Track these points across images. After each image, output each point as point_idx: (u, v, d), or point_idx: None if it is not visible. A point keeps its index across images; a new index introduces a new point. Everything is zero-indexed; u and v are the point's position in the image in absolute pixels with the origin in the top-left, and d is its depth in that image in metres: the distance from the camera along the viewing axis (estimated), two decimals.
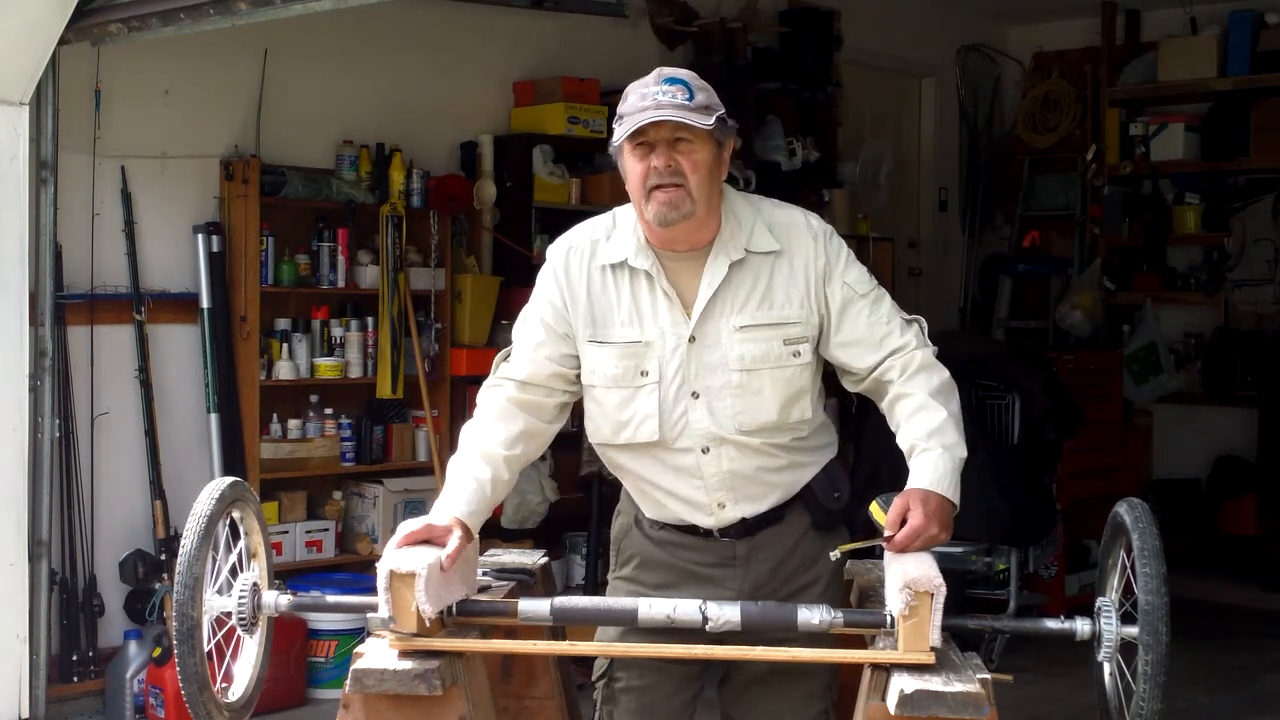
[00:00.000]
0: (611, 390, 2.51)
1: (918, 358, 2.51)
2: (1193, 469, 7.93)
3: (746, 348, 2.47)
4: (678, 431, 2.49)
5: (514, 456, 2.55)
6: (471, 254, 5.97)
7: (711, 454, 2.49)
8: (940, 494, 2.41)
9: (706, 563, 2.59)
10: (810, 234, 2.53)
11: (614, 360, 2.50)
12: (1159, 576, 2.19)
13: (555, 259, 2.57)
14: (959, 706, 2.11)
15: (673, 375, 2.48)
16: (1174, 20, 7.91)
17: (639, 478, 2.58)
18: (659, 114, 2.37)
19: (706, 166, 2.42)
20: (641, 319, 2.50)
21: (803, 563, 2.60)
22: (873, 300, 2.53)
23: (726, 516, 2.54)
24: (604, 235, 2.56)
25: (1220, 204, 7.88)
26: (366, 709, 2.31)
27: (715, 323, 2.48)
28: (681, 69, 2.49)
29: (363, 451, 5.62)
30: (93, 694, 5.00)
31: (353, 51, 5.68)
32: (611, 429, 2.54)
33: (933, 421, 2.45)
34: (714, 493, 2.52)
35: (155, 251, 5.22)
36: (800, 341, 2.50)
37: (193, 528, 2.30)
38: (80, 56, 4.89)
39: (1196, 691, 5.44)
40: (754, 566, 2.57)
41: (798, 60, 7.10)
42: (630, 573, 2.67)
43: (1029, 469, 5.84)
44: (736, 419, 2.48)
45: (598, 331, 2.51)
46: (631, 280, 2.51)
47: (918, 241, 8.50)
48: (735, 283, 2.48)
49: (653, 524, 2.63)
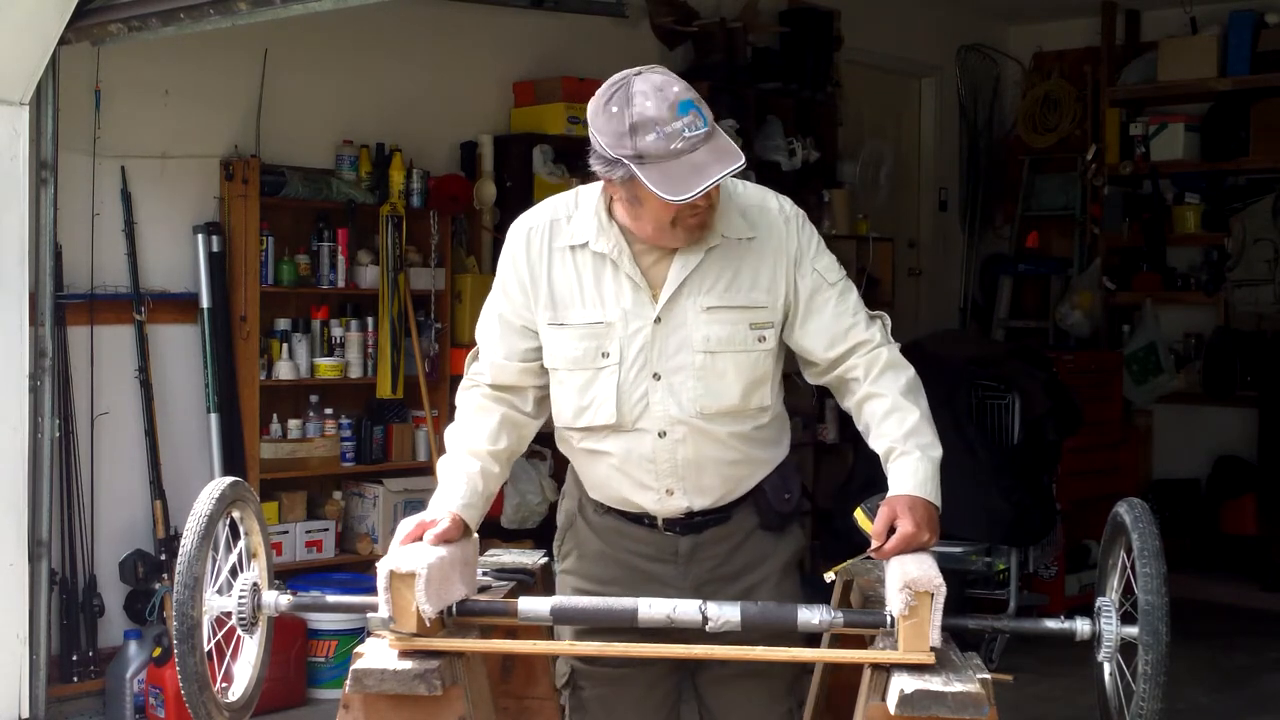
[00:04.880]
0: (574, 372, 2.49)
1: (883, 355, 2.48)
2: (1193, 469, 7.92)
3: (712, 329, 2.44)
4: (637, 414, 2.46)
5: (499, 450, 2.54)
6: (471, 254, 5.98)
7: (667, 438, 2.46)
8: (925, 499, 2.40)
9: (647, 555, 2.57)
10: (782, 218, 2.50)
11: (574, 342, 2.47)
12: (1159, 576, 2.19)
13: (515, 241, 2.54)
14: (959, 706, 2.11)
15: (634, 357, 2.45)
16: (1174, 20, 7.91)
17: (593, 457, 2.54)
18: (713, 178, 2.25)
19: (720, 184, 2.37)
20: (603, 300, 2.46)
21: (748, 562, 2.57)
22: (840, 291, 2.50)
23: (672, 504, 2.51)
24: (565, 215, 2.51)
25: (1220, 204, 7.87)
26: (366, 709, 2.31)
27: (682, 303, 2.44)
28: (661, 78, 2.31)
29: (363, 451, 5.63)
30: (93, 694, 5.00)
31: (353, 51, 5.68)
32: (572, 412, 2.51)
33: (907, 423, 2.43)
34: (664, 478, 2.49)
35: (155, 251, 5.22)
36: (766, 326, 2.47)
37: (193, 528, 2.29)
38: (80, 56, 4.89)
39: (1196, 691, 5.44)
40: (695, 564, 2.55)
41: (798, 60, 7.11)
42: (571, 564, 2.65)
43: (1029, 469, 5.84)
44: (698, 401, 2.45)
45: (558, 314, 2.48)
46: (594, 261, 2.47)
47: (918, 241, 8.50)
48: (706, 266, 2.45)
49: (597, 508, 2.60)
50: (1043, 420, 5.84)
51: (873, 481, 2.49)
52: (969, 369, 5.86)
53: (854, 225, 7.32)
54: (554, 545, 2.72)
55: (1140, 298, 7.97)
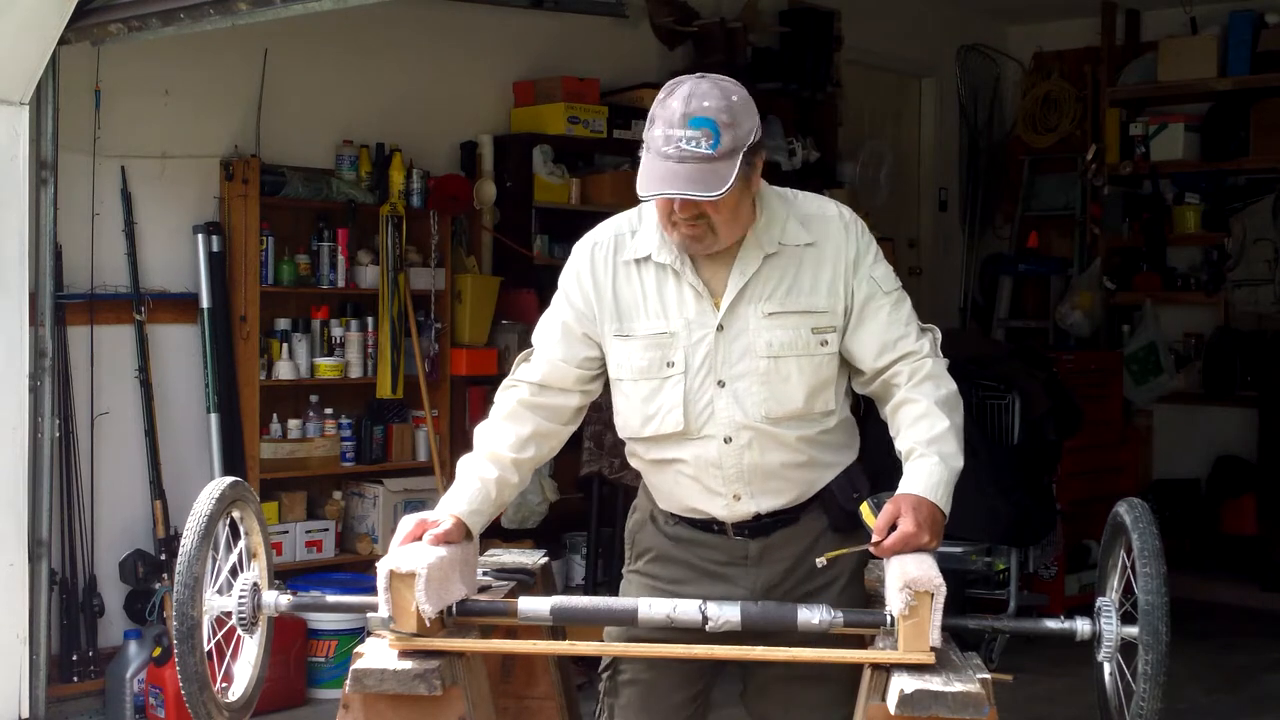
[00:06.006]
0: (639, 383, 2.51)
1: (928, 365, 2.50)
2: (1193, 469, 7.92)
3: (775, 334, 2.46)
4: (703, 421, 2.48)
5: (523, 459, 2.56)
6: (471, 254, 5.97)
7: (734, 444, 2.48)
8: (933, 502, 2.40)
9: (719, 560, 2.58)
10: (842, 224, 2.52)
11: (640, 352, 2.50)
12: (1159, 576, 2.19)
13: (580, 256, 2.57)
14: (959, 706, 2.11)
15: (699, 365, 2.47)
16: (1174, 20, 7.91)
17: (660, 466, 2.56)
18: (671, 191, 2.29)
19: (732, 205, 2.36)
20: (666, 310, 2.49)
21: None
22: (895, 300, 2.53)
23: (741, 509, 2.52)
24: (629, 230, 2.54)
25: (1220, 204, 7.88)
26: (366, 709, 2.31)
27: (743, 310, 2.46)
28: (714, 91, 2.33)
29: (363, 451, 5.63)
30: (93, 694, 5.00)
31: (353, 51, 5.68)
32: (640, 421, 2.53)
33: (934, 429, 2.44)
34: (731, 484, 2.50)
35: (155, 251, 5.22)
36: (828, 330, 2.48)
37: (193, 527, 2.30)
38: (80, 56, 4.89)
39: (1196, 691, 5.44)
40: (766, 566, 2.56)
41: (798, 60, 7.11)
42: (644, 566, 2.66)
43: (1029, 469, 5.84)
44: (764, 406, 2.46)
45: (623, 325, 2.51)
46: (657, 273, 2.50)
47: (918, 241, 8.50)
48: (765, 273, 2.47)
49: (668, 519, 2.62)
50: (1043, 420, 5.84)
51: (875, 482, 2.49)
52: (969, 369, 5.86)
53: None
54: (625, 547, 2.74)
55: (1140, 298, 7.97)
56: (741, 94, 2.37)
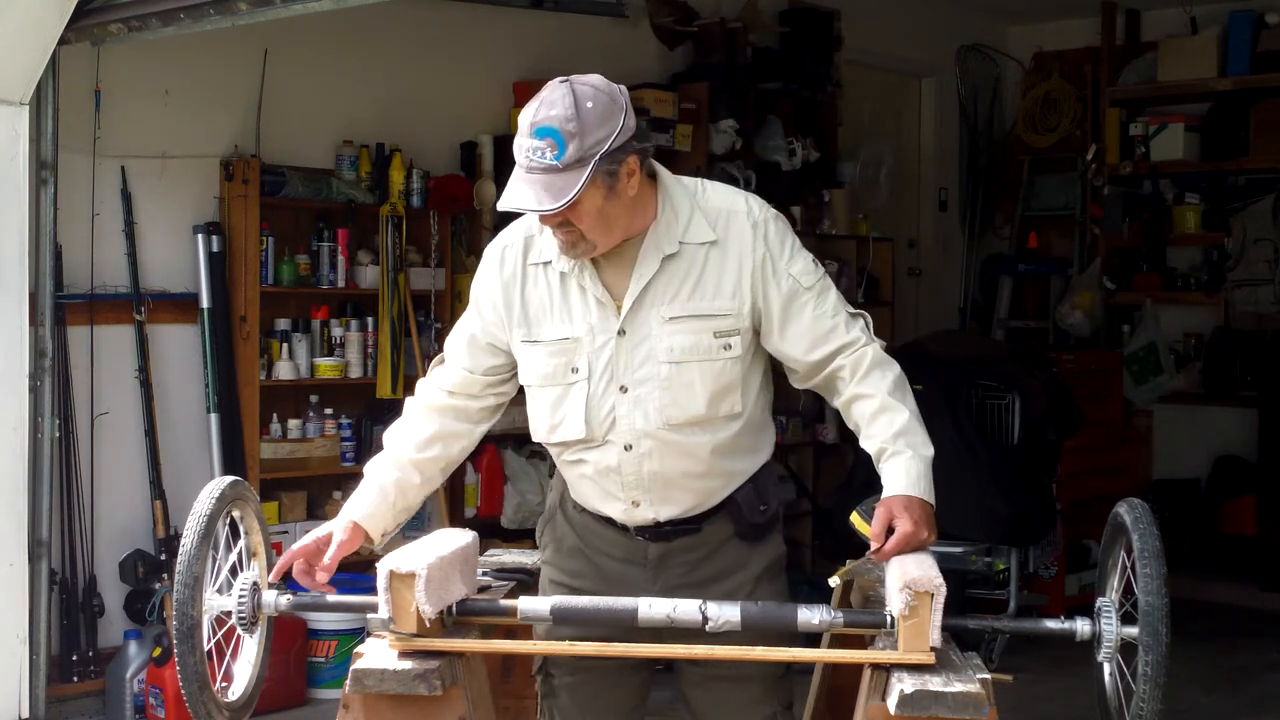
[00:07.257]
0: (546, 389, 2.49)
1: (869, 354, 2.45)
2: (1193, 469, 7.92)
3: (676, 339, 2.42)
4: (605, 428, 2.45)
5: (424, 459, 2.59)
6: (471, 254, 5.97)
7: (634, 451, 2.45)
8: (919, 497, 2.39)
9: (617, 558, 2.56)
10: (749, 222, 2.45)
11: (545, 359, 2.48)
12: (1159, 577, 2.18)
13: (490, 261, 2.54)
14: (959, 706, 2.11)
15: (601, 370, 2.44)
16: (1174, 20, 7.91)
17: (567, 465, 2.55)
18: (517, 204, 2.28)
19: (594, 213, 2.32)
20: (571, 315, 2.46)
21: (720, 570, 2.55)
22: (818, 293, 2.46)
23: (639, 515, 2.50)
24: (538, 230, 2.49)
25: (1220, 204, 7.87)
26: (366, 709, 2.32)
27: (645, 314, 2.43)
28: (565, 99, 2.27)
29: (363, 451, 5.61)
30: (93, 694, 5.00)
31: (353, 51, 5.68)
32: (546, 428, 2.52)
33: (897, 423, 2.41)
34: (629, 490, 2.48)
35: (155, 251, 5.22)
36: (731, 334, 2.43)
37: (193, 527, 2.30)
38: (80, 56, 4.89)
39: (1196, 691, 5.44)
40: (665, 570, 2.54)
41: (798, 60, 7.10)
42: (549, 556, 2.66)
43: (1029, 469, 5.84)
44: (664, 412, 2.43)
45: (530, 331, 2.49)
46: (562, 277, 2.47)
47: (918, 241, 8.50)
48: (667, 274, 2.43)
49: (575, 506, 2.61)
50: (1043, 420, 5.83)
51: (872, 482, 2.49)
52: (969, 369, 5.86)
53: (854, 225, 7.33)
54: (535, 533, 2.74)
55: (1140, 298, 7.97)
56: (601, 99, 2.29)
